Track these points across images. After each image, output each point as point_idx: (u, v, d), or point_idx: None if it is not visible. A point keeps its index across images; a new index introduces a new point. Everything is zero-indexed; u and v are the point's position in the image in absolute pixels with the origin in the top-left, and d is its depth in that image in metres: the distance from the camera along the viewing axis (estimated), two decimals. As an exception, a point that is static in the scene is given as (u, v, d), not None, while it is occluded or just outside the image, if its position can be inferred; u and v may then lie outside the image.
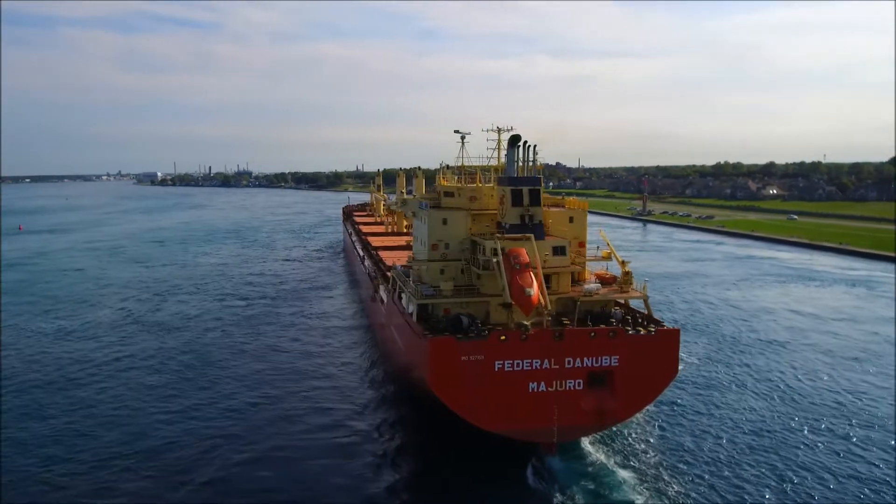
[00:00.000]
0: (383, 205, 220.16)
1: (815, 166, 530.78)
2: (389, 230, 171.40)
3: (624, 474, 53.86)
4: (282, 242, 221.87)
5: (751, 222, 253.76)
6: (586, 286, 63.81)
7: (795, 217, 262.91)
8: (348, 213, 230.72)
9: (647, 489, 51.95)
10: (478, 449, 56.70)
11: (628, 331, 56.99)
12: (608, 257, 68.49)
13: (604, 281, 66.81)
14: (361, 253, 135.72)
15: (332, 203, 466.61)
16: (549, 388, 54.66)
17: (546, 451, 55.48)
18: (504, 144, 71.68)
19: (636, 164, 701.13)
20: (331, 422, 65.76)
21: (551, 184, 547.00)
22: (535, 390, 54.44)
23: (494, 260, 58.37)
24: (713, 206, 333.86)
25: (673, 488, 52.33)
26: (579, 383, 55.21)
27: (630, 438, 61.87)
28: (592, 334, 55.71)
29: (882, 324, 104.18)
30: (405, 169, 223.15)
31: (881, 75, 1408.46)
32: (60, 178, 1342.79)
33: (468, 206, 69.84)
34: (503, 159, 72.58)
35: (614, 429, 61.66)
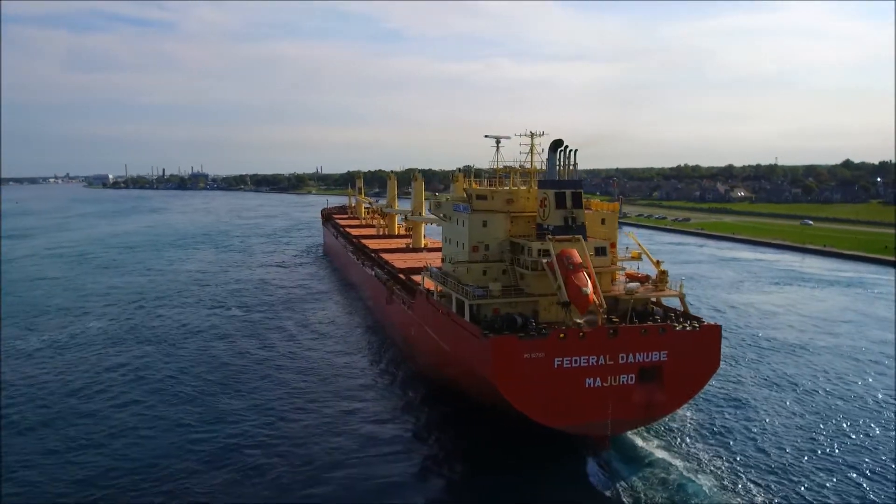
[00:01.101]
0: (364, 207, 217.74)
1: (772, 169, 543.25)
2: (380, 233, 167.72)
3: (680, 468, 54.99)
4: (259, 247, 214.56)
5: (728, 225, 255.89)
6: (629, 284, 65.92)
7: (811, 223, 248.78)
8: (328, 215, 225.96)
9: (703, 480, 53.14)
10: (531, 445, 57.37)
11: (675, 327, 59.14)
12: (638, 257, 70.41)
13: (637, 280, 68.11)
14: (358, 257, 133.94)
15: (297, 206, 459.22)
16: (605, 384, 56.17)
17: (599, 445, 56.69)
18: (538, 149, 73.01)
19: (596, 167, 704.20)
20: (370, 429, 64.16)
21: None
22: (592, 386, 55.94)
23: (544, 260, 60.22)
24: (684, 208, 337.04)
25: (731, 481, 53.53)
26: (631, 378, 56.83)
27: (675, 432, 63.26)
28: (644, 331, 57.43)
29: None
30: (396, 171, 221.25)
31: (825, 80, 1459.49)
32: (6, 180, 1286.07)
33: (505, 208, 70.58)
34: (536, 163, 73.82)
35: (662, 422, 63.28)
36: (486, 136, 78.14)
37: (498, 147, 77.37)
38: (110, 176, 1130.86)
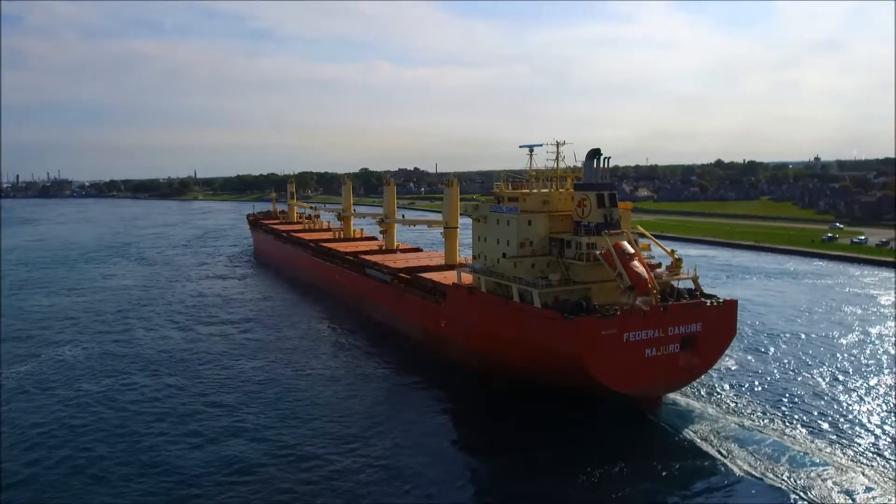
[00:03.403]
0: (298, 212, 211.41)
1: (653, 168, 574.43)
2: (337, 237, 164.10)
3: (716, 414, 66.39)
4: (182, 259, 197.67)
5: (653, 223, 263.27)
6: (657, 270, 72.96)
7: (840, 226, 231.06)
8: (255, 221, 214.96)
9: (737, 421, 64.80)
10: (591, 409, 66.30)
11: (706, 303, 70.04)
12: (647, 248, 77.96)
13: (652, 268, 74.17)
14: (329, 261, 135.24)
15: (191, 213, 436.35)
16: (659, 353, 65.71)
17: (654, 405, 66.94)
18: (562, 155, 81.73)
19: (486, 168, 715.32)
20: (424, 421, 67.34)
21: (423, 189, 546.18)
22: (650, 355, 65.31)
23: (598, 252, 69.51)
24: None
25: (755, 419, 66.76)
26: (676, 347, 66.82)
27: (702, 391, 73.98)
28: (685, 307, 68.30)
29: (864, 318, 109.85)
30: (293, 174, 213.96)
31: (685, 86, 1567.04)
32: None
33: (543, 208, 78.55)
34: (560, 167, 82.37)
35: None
36: (521, 146, 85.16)
37: (531, 155, 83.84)
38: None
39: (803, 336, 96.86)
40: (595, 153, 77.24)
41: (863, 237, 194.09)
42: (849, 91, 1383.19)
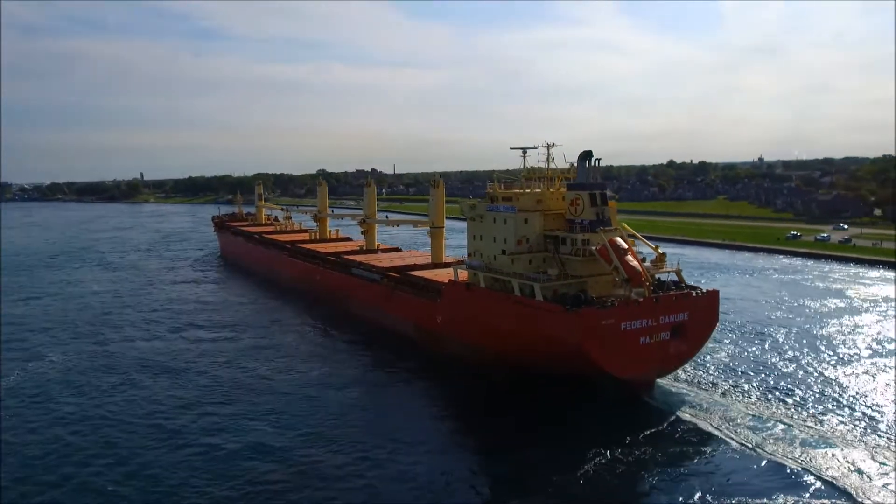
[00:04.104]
0: (265, 213, 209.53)
1: (609, 169, 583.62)
2: (312, 238, 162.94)
3: (704, 397, 70.59)
4: (147, 263, 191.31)
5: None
6: (644, 264, 76.34)
7: (845, 227, 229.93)
8: (221, 223, 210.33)
9: (724, 401, 69.78)
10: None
11: (692, 293, 74.65)
12: (632, 244, 79.08)
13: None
14: (309, 262, 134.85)
15: (145, 216, 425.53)
16: (652, 340, 69.75)
17: (648, 389, 71.25)
18: (552, 156, 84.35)
19: (444, 169, 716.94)
20: (436, 425, 68.03)
21: (383, 190, 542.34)
22: (644, 342, 69.25)
23: (593, 247, 72.74)
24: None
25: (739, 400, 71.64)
26: (667, 334, 70.95)
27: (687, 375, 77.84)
28: (675, 298, 72.53)
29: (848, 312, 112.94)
30: (246, 176, 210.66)
31: (626, 89, 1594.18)
32: None
33: (537, 207, 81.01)
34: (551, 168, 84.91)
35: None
36: (511, 149, 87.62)
37: (524, 156, 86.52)
38: None
39: (788, 327, 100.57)
40: (587, 155, 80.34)
41: (825, 234, 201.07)
42: (786, 93, 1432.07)
